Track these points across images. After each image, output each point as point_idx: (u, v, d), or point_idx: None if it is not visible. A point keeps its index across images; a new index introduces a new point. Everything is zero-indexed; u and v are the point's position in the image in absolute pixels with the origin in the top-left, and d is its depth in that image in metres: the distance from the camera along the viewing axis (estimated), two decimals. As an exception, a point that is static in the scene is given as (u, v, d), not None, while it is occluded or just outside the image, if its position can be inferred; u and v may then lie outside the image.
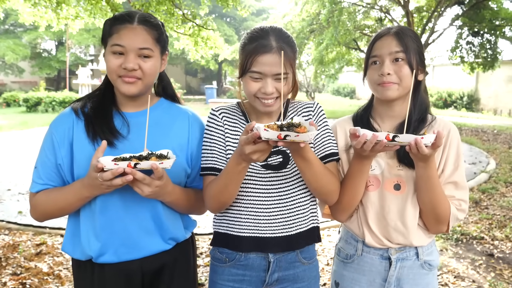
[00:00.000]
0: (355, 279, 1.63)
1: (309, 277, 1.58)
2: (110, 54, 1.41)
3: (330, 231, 4.59)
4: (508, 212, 5.26)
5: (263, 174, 1.48)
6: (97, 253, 1.45)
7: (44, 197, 1.46)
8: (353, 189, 1.52)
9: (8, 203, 5.49)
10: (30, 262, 3.71)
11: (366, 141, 1.29)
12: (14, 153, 9.11)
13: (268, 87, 1.39)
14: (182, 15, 6.89)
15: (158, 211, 1.49)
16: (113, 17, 1.46)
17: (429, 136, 1.28)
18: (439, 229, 1.54)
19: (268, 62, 1.38)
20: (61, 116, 1.51)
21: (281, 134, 1.16)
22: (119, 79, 1.42)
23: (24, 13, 7.03)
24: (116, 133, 1.45)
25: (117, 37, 1.40)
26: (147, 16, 1.46)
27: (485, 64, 13.08)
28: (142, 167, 1.26)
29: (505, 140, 11.22)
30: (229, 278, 1.54)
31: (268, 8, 32.86)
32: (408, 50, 1.48)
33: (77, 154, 1.44)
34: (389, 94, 1.51)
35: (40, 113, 17.50)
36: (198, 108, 19.41)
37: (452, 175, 1.53)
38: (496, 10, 12.04)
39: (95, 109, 1.49)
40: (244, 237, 1.50)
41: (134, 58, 1.40)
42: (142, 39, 1.41)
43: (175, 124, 1.56)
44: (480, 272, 3.65)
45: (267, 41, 1.39)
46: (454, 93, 22.24)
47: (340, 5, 13.01)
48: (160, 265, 1.54)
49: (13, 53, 24.45)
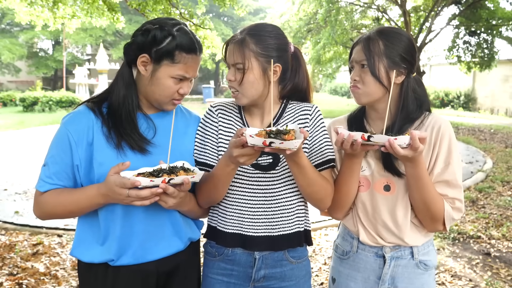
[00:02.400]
0: (351, 276, 1.65)
1: (298, 276, 1.57)
2: (170, 79, 1.42)
3: (328, 230, 4.59)
4: (504, 211, 5.28)
5: (251, 173, 1.50)
6: (116, 256, 1.44)
7: (53, 197, 1.41)
8: (345, 187, 1.53)
9: (4, 203, 5.46)
10: (27, 262, 3.69)
11: (343, 140, 1.34)
12: (10, 152, 9.07)
13: (229, 73, 1.48)
14: (179, 14, 6.87)
15: (175, 212, 1.51)
16: (178, 38, 1.41)
17: (403, 137, 1.28)
18: (435, 227, 1.54)
19: (229, 52, 1.49)
20: (77, 115, 1.44)
21: (266, 141, 1.18)
22: (171, 101, 1.47)
23: (20, 12, 7.00)
24: (145, 140, 1.45)
25: (185, 69, 1.42)
26: (199, 39, 1.49)
27: (482, 64, 13.13)
28: (176, 182, 1.27)
29: (502, 139, 11.26)
30: (219, 272, 1.56)
31: (265, 8, 32.85)
32: (371, 57, 1.48)
33: (98, 156, 1.40)
34: (358, 99, 1.56)
35: (36, 112, 17.42)
36: (196, 108, 19.37)
37: (442, 174, 1.50)
38: (492, 10, 12.08)
39: (120, 114, 1.45)
40: (229, 233, 1.52)
41: (190, 83, 1.49)
42: (198, 69, 1.49)
43: (189, 127, 1.60)
44: (477, 271, 3.66)
45: (237, 33, 1.50)
46: (451, 92, 22.30)
47: (337, 4, 13.03)
48: (175, 265, 1.55)
49: (9, 53, 24.35)
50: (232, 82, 1.48)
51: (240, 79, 1.45)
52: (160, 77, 1.42)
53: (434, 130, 1.51)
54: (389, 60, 1.49)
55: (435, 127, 1.51)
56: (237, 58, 1.44)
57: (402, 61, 1.50)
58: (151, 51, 1.40)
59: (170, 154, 1.37)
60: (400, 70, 1.50)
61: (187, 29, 1.46)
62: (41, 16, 6.95)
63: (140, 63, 1.43)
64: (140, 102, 1.50)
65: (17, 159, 8.27)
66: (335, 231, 4.54)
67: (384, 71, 1.49)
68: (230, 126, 1.56)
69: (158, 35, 1.40)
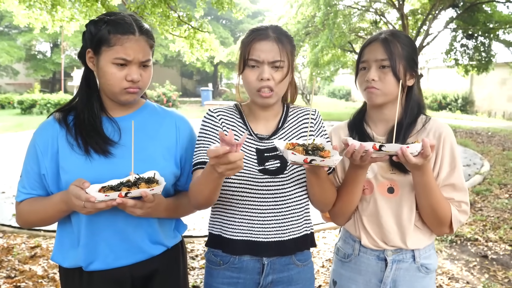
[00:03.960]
0: (352, 278, 1.64)
1: (304, 279, 1.58)
2: (111, 65, 1.38)
3: (326, 233, 4.60)
4: (502, 213, 5.29)
5: (260, 178, 1.47)
6: (86, 262, 1.44)
7: (27, 206, 1.46)
8: (349, 195, 1.53)
9: (2, 206, 5.46)
10: (25, 265, 3.69)
11: (354, 151, 1.32)
12: (8, 155, 9.06)
13: (265, 72, 1.40)
14: (178, 17, 6.88)
15: (148, 218, 1.47)
16: (110, 22, 1.38)
17: (415, 145, 1.28)
18: (442, 230, 1.55)
19: (264, 49, 1.40)
20: (44, 126, 1.48)
21: (307, 159, 1.19)
22: (123, 90, 1.41)
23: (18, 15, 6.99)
24: (110, 141, 1.43)
25: (122, 50, 1.36)
26: (141, 22, 1.44)
27: (479, 67, 13.18)
28: (133, 195, 1.25)
29: (499, 142, 11.29)
30: (224, 281, 1.53)
31: (263, 10, 32.89)
32: (393, 58, 1.49)
33: (64, 164, 1.41)
34: (374, 99, 1.53)
35: (35, 115, 17.41)
36: (194, 110, 19.37)
37: (448, 178, 1.53)
38: (489, 13, 12.14)
39: (83, 118, 1.45)
40: (238, 240, 1.49)
41: (137, 69, 1.40)
42: (145, 51, 1.41)
43: (162, 127, 1.54)
44: (474, 274, 3.67)
45: (265, 31, 1.43)
46: (448, 95, 22.35)
47: (335, 7, 13.07)
48: (151, 271, 1.52)
49: (7, 55, 24.34)
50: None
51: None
52: (102, 66, 1.39)
53: (437, 135, 1.54)
54: (406, 62, 1.52)
55: (438, 132, 1.54)
56: (284, 56, 1.43)
57: (414, 64, 1.55)
58: (92, 44, 1.41)
59: (140, 156, 1.39)
60: (412, 73, 1.55)
61: (125, 14, 1.43)
62: (39, 19, 6.95)
63: (88, 60, 1.43)
64: (104, 104, 1.49)
65: (15, 162, 8.25)
66: (333, 234, 4.55)
67: (403, 73, 1.51)
68: (234, 129, 1.53)
69: (93, 27, 1.40)
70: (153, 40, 1.47)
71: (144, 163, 1.42)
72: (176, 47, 7.81)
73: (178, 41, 7.52)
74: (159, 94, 21.24)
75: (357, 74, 1.61)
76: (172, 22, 6.86)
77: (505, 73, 18.58)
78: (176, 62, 30.69)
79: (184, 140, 1.56)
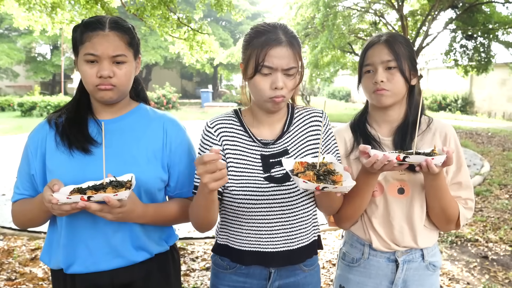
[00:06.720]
0: (361, 283, 1.63)
1: (310, 282, 1.56)
2: (84, 63, 1.37)
3: (326, 234, 4.59)
4: (502, 214, 5.29)
5: (266, 187, 1.42)
6: (66, 264, 1.42)
7: (18, 207, 1.48)
8: (359, 201, 1.52)
9: (2, 208, 5.46)
10: (25, 267, 3.69)
11: (376, 161, 1.31)
12: (8, 157, 9.06)
13: (279, 81, 1.34)
14: (177, 19, 6.88)
15: (131, 224, 1.43)
16: (83, 23, 1.41)
17: (440, 157, 1.29)
18: (449, 227, 1.58)
19: (279, 55, 1.33)
20: (36, 127, 1.51)
21: (319, 186, 1.19)
22: (95, 88, 1.38)
23: (18, 17, 7.01)
24: (91, 140, 1.43)
25: (90, 46, 1.36)
26: (118, 20, 1.42)
27: (479, 67, 13.17)
28: (96, 199, 1.21)
29: (499, 143, 11.29)
30: (230, 284, 1.52)
31: (263, 12, 32.94)
32: (399, 58, 1.51)
33: (49, 164, 1.43)
34: (384, 101, 1.53)
35: (35, 117, 17.41)
36: (194, 112, 19.38)
37: (455, 176, 1.57)
38: (489, 14, 12.13)
39: (70, 118, 1.47)
40: (246, 251, 1.47)
41: (109, 65, 1.37)
42: (115, 46, 1.37)
43: (149, 129, 1.51)
44: (475, 274, 3.67)
45: (277, 35, 1.35)
46: (448, 96, 22.37)
47: (335, 9, 13.06)
48: (132, 278, 1.47)
49: (7, 57, 24.35)
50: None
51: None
52: (79, 65, 1.40)
53: (443, 135, 1.57)
54: (409, 63, 1.54)
55: (443, 132, 1.58)
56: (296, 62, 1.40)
57: (415, 63, 1.58)
58: (73, 47, 1.43)
59: (122, 158, 1.41)
60: (414, 72, 1.57)
61: (107, 16, 1.43)
62: (39, 21, 6.96)
63: (76, 63, 1.45)
64: (93, 106, 1.50)
65: (15, 164, 8.24)
66: (333, 235, 4.54)
67: (408, 73, 1.54)
68: (234, 141, 1.48)
69: (73, 31, 1.42)
70: (130, 35, 1.43)
71: (126, 165, 1.40)
72: (175, 49, 7.82)
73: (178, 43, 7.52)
74: (159, 95, 21.28)
75: (360, 78, 1.61)
76: (171, 24, 6.87)
77: (504, 74, 18.59)
78: (175, 64, 30.70)
79: (172, 144, 1.51)
